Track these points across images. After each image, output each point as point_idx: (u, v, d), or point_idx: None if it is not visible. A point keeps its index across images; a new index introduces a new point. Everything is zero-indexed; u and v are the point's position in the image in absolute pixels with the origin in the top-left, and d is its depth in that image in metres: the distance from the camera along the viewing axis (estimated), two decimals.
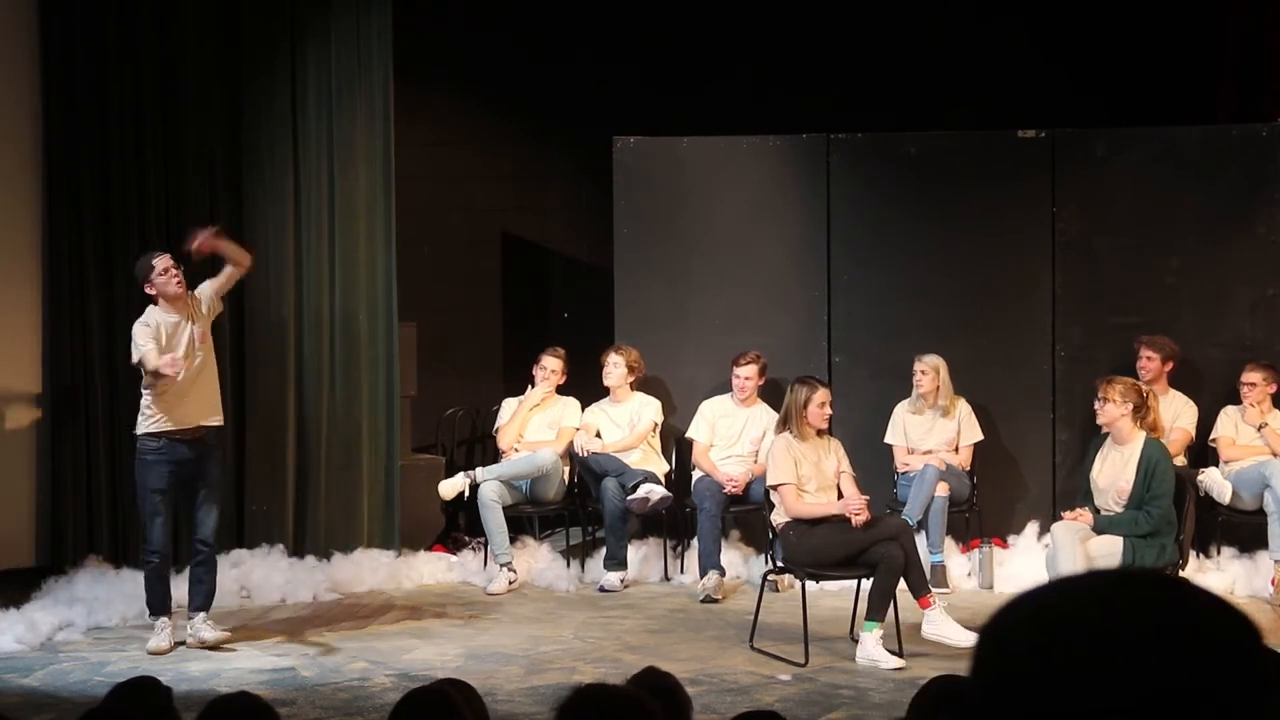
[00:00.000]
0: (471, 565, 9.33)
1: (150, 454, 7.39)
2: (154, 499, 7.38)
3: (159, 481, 7.38)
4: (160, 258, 7.48)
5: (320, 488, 9.25)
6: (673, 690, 3.74)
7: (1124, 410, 7.40)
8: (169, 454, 7.38)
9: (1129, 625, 1.13)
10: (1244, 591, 8.62)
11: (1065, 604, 1.18)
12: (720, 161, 9.85)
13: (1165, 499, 7.26)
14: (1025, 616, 1.17)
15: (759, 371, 9.30)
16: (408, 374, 9.64)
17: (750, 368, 9.29)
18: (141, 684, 3.85)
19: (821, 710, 6.45)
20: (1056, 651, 1.13)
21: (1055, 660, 1.12)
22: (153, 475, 7.38)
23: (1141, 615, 1.14)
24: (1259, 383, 8.84)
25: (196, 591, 7.53)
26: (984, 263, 9.62)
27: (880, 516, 7.70)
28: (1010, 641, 1.17)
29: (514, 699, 6.64)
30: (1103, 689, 1.10)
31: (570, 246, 11.19)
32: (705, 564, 8.78)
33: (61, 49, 8.76)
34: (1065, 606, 1.17)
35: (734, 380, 9.33)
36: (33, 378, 8.78)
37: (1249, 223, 9.42)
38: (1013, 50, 10.69)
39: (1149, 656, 1.11)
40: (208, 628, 7.49)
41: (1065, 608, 1.17)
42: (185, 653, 7.46)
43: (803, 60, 10.83)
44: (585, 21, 10.81)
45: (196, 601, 7.52)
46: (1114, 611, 1.15)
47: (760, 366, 9.30)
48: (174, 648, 7.44)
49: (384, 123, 9.33)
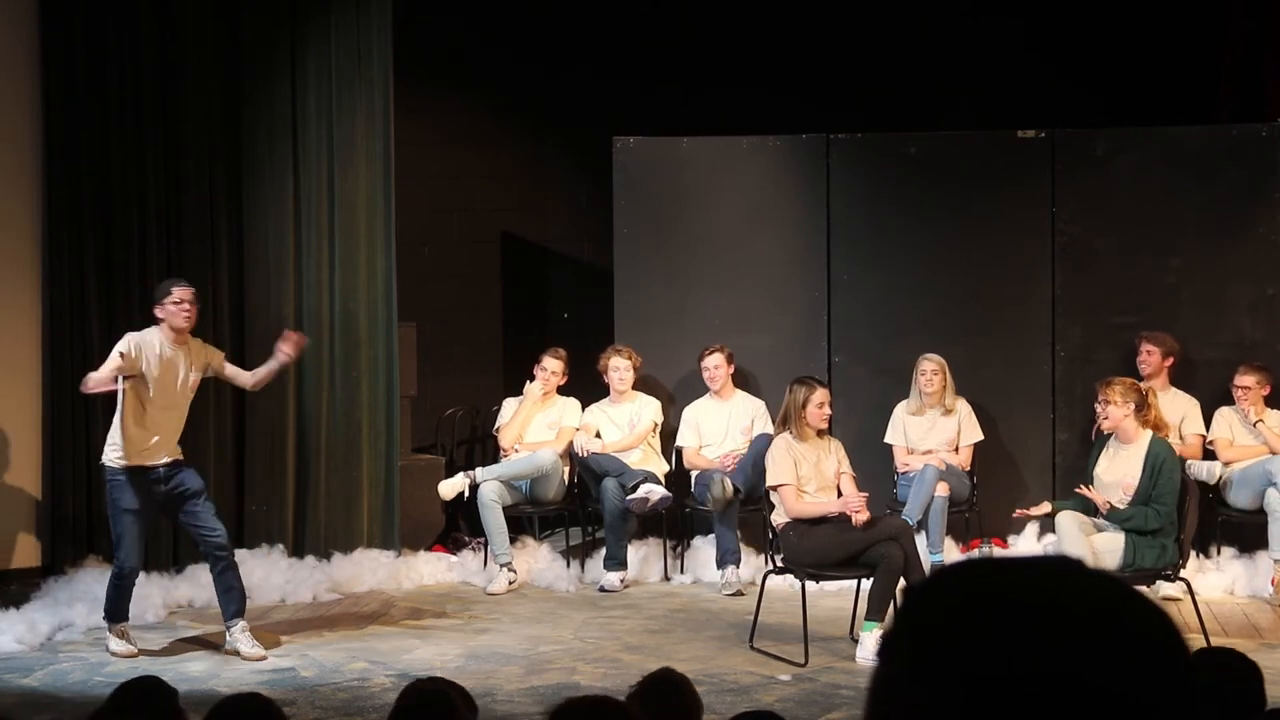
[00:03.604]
0: (471, 565, 9.33)
1: (118, 479, 7.34)
2: (125, 519, 7.32)
3: (131, 502, 7.32)
4: (182, 289, 7.43)
5: (320, 488, 9.24)
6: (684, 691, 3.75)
7: (1127, 410, 7.42)
8: (138, 478, 7.34)
9: (1046, 605, 1.16)
10: (1244, 591, 8.62)
11: (997, 575, 1.20)
12: (720, 161, 9.85)
13: (1171, 497, 7.27)
14: (956, 581, 1.21)
15: (726, 359, 9.36)
16: (408, 374, 9.63)
17: (716, 356, 9.34)
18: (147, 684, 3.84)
19: (821, 710, 6.45)
20: (976, 615, 1.15)
21: (972, 623, 1.15)
22: (125, 496, 7.33)
23: (1060, 597, 1.17)
24: (1253, 385, 8.83)
25: (228, 599, 7.43)
26: (984, 263, 9.62)
27: (880, 517, 7.70)
28: (937, 600, 1.19)
29: (514, 699, 6.65)
30: (1010, 658, 1.12)
31: (570, 246, 11.19)
32: (726, 558, 8.81)
33: (62, 49, 8.76)
34: (996, 578, 1.20)
35: (704, 374, 9.39)
36: (33, 378, 8.77)
37: (1249, 223, 9.42)
38: (1013, 50, 10.69)
39: (1058, 638, 1.13)
40: (247, 639, 7.38)
41: (995, 579, 1.19)
42: (186, 653, 7.47)
43: (803, 60, 10.83)
44: (585, 22, 10.81)
45: (230, 609, 7.42)
46: (1038, 590, 1.17)
47: (726, 355, 9.36)
48: (137, 653, 7.38)
49: (384, 123, 9.33)
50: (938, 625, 1.16)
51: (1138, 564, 7.23)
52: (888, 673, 1.19)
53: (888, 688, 1.18)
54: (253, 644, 7.38)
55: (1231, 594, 8.61)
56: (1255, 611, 8.28)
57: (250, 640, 7.39)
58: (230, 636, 7.41)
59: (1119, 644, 1.14)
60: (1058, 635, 1.13)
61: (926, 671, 1.15)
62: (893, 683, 1.18)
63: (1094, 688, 1.12)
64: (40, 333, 8.79)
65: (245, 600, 7.53)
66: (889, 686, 1.18)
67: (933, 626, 1.17)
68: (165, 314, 7.39)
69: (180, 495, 7.41)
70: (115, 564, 7.46)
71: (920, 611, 1.19)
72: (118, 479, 7.34)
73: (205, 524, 7.41)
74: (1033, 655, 1.12)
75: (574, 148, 10.92)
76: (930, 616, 1.18)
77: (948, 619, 1.16)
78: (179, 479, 7.41)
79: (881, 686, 1.18)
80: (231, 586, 7.43)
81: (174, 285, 7.46)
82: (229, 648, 7.40)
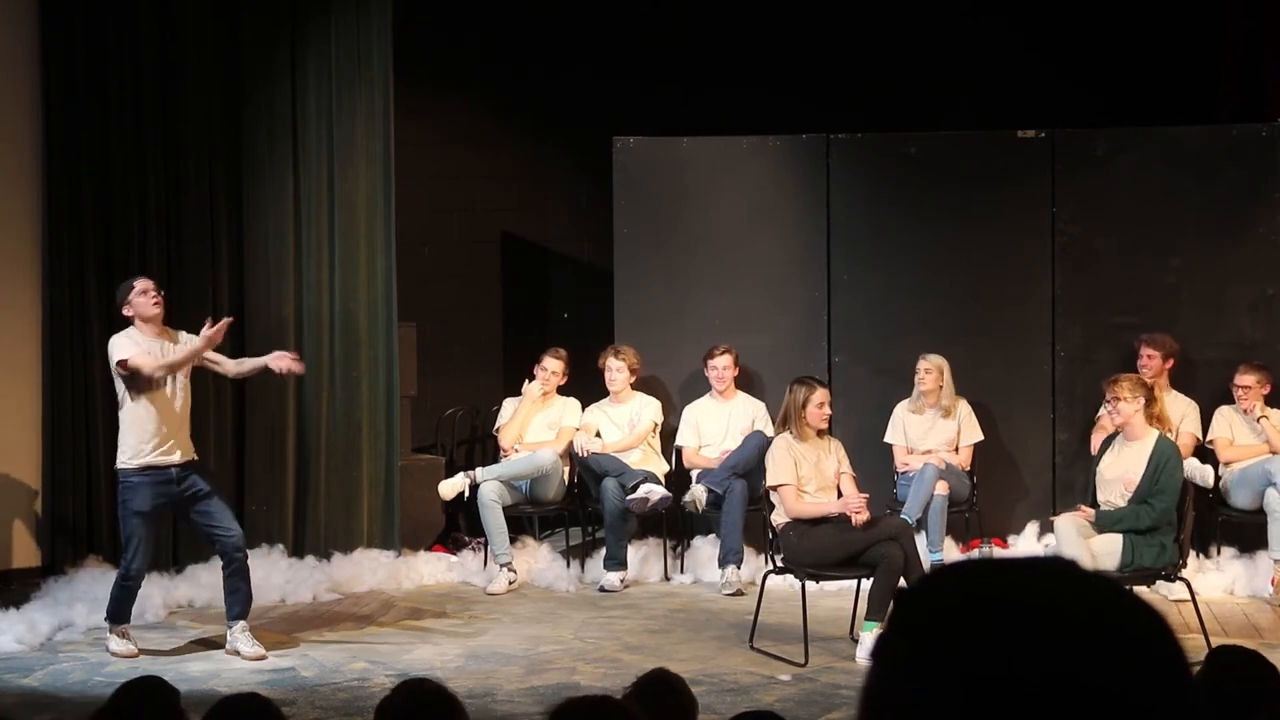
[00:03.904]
0: (471, 565, 9.33)
1: (132, 482, 7.32)
2: (134, 522, 7.30)
3: (143, 504, 7.30)
4: (140, 280, 7.47)
5: (320, 488, 9.25)
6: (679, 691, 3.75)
7: (1137, 405, 7.43)
8: (151, 479, 7.32)
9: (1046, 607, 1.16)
10: (1244, 591, 8.62)
11: (994, 576, 1.20)
12: (720, 161, 9.86)
13: (1170, 496, 7.26)
14: (953, 581, 1.21)
15: (733, 361, 9.37)
16: (408, 374, 9.63)
17: (724, 357, 9.35)
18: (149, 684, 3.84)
19: (821, 710, 6.45)
20: (974, 616, 1.15)
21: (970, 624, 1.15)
22: (137, 499, 7.31)
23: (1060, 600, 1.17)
24: (1253, 385, 8.83)
25: (234, 600, 7.43)
26: (984, 263, 9.62)
27: (880, 516, 7.70)
28: (934, 601, 1.19)
29: (514, 699, 6.65)
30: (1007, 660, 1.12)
31: (570, 246, 11.19)
32: (729, 558, 8.81)
33: (62, 49, 8.76)
34: (994, 578, 1.20)
35: (710, 374, 9.40)
36: (33, 378, 8.77)
37: (1249, 223, 9.42)
38: (1013, 50, 10.69)
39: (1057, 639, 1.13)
40: (246, 639, 7.39)
41: (993, 579, 1.20)
42: (186, 653, 7.47)
43: (803, 60, 10.83)
44: (585, 22, 10.81)
45: (234, 611, 7.42)
46: (1038, 591, 1.17)
47: (734, 357, 9.37)
48: (138, 654, 7.35)
49: (384, 123, 9.33)
50: (935, 625, 1.16)
51: (1137, 563, 7.22)
52: (882, 673, 1.18)
53: (882, 688, 1.18)
54: (253, 644, 7.38)
55: (1231, 594, 8.61)
56: (1255, 611, 8.28)
57: (250, 640, 7.39)
58: (230, 637, 7.42)
59: (1117, 645, 1.14)
60: (1056, 636, 1.13)
61: (923, 671, 1.14)
62: (888, 683, 1.17)
63: (1093, 689, 1.12)
64: (40, 333, 8.78)
65: (250, 604, 7.52)
66: (884, 687, 1.17)
67: (929, 626, 1.16)
68: (134, 309, 7.38)
69: (193, 496, 7.40)
70: (122, 566, 7.43)
71: (916, 612, 1.19)
72: (130, 480, 7.31)
73: (220, 524, 7.39)
74: (1032, 656, 1.12)
75: (574, 148, 10.92)
76: (927, 617, 1.17)
77: (945, 619, 1.16)
78: (191, 480, 7.39)
79: (876, 687, 1.18)
80: (239, 589, 7.42)
81: (133, 280, 7.48)
82: (230, 648, 7.40)
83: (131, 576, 7.37)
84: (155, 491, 7.32)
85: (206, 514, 7.39)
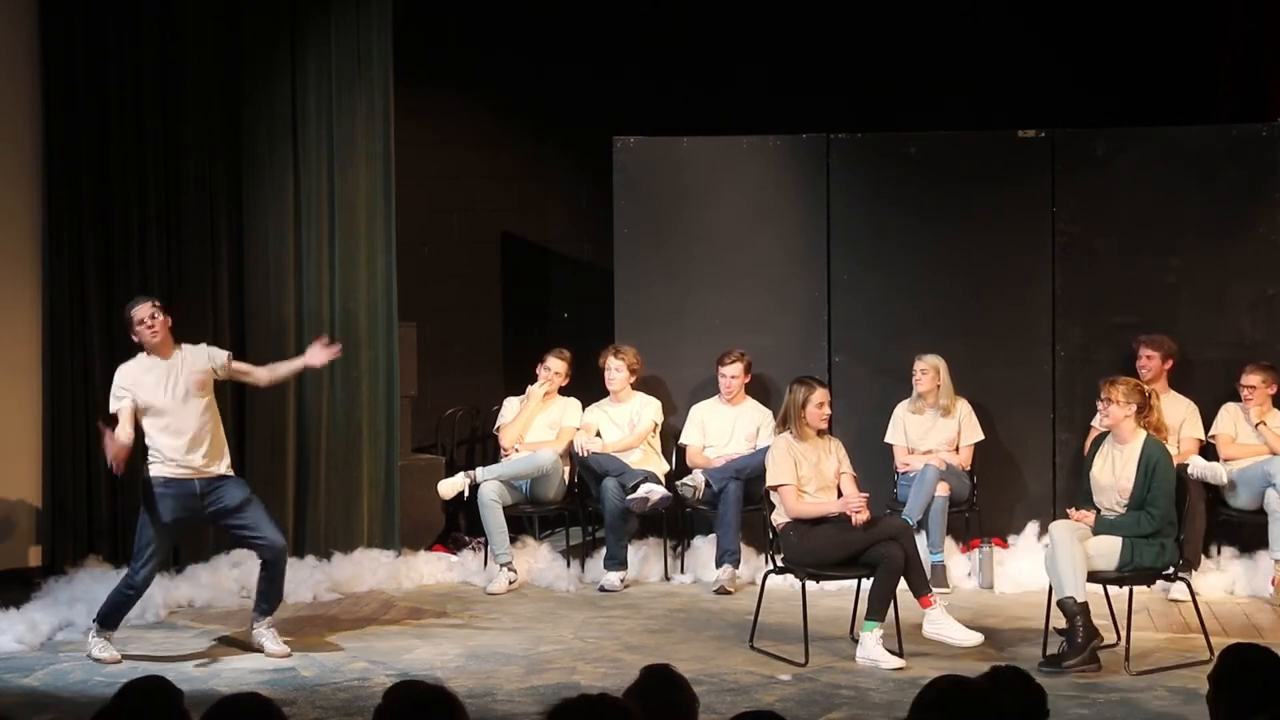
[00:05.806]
0: (471, 565, 9.33)
1: (158, 489, 7.29)
2: (151, 531, 7.28)
3: (166, 514, 7.27)
4: (138, 308, 7.37)
5: (320, 488, 9.25)
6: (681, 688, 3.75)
7: (1128, 411, 7.36)
8: (176, 490, 7.30)
9: None
10: (1244, 591, 8.62)
11: None
12: (720, 161, 9.86)
13: (1166, 499, 7.23)
14: None
15: (744, 369, 9.38)
16: (408, 374, 9.64)
17: (735, 366, 9.35)
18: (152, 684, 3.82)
19: (821, 710, 6.45)
20: None
21: None
22: (161, 506, 7.27)
23: None
24: (1259, 385, 8.83)
25: (263, 598, 7.44)
26: (984, 263, 9.63)
27: (880, 516, 7.70)
28: None
29: (514, 699, 6.65)
30: None
31: (570, 246, 11.20)
32: (724, 557, 8.81)
33: (62, 49, 8.75)
34: None
35: (720, 380, 9.40)
36: (33, 378, 8.77)
37: (1249, 223, 9.42)
38: (1013, 50, 10.70)
39: None
40: (271, 636, 7.40)
41: None
42: (185, 653, 7.46)
43: (803, 60, 10.84)
44: (586, 21, 10.82)
45: (263, 606, 7.43)
46: None
47: (745, 364, 9.38)
48: (120, 660, 7.26)
49: (384, 123, 9.33)
50: None
51: (1136, 563, 7.21)
52: None
53: None
54: (278, 641, 7.40)
55: (1231, 594, 8.61)
56: (1255, 611, 8.28)
57: (275, 637, 7.41)
58: (256, 632, 7.43)
59: None
60: None
61: None
62: None
63: None
64: (40, 333, 8.78)
65: (279, 604, 7.53)
66: None
67: None
68: (138, 338, 7.39)
69: (220, 512, 7.37)
70: (129, 572, 7.37)
71: None
72: (157, 489, 7.29)
73: (258, 533, 7.34)
74: None
75: (574, 148, 10.93)
76: None
77: None
78: (215, 495, 7.33)
79: None
80: (272, 586, 7.42)
81: (131, 308, 7.41)
82: (255, 642, 7.42)
83: (135, 586, 7.33)
84: (178, 504, 7.29)
85: (243, 525, 7.36)
